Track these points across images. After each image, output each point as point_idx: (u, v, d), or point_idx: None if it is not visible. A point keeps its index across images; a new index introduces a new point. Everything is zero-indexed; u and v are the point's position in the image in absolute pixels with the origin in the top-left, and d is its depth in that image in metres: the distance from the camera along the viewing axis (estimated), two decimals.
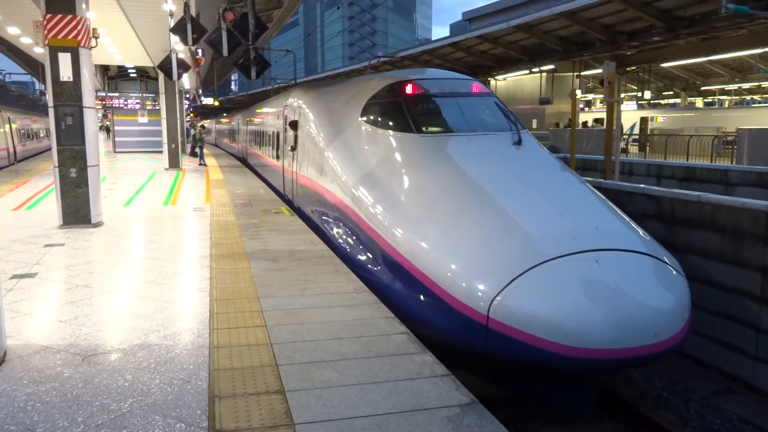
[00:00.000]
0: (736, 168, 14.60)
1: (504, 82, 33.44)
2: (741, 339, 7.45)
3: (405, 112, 7.80)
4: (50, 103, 9.11)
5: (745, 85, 36.90)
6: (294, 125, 10.80)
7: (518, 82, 32.64)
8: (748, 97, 44.95)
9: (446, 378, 3.93)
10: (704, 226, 7.98)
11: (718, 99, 44.21)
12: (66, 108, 9.08)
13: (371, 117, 8.18)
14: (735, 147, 18.84)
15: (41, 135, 33.21)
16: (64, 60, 8.93)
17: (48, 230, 9.10)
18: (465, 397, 3.68)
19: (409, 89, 8.09)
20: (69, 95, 9.05)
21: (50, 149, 9.74)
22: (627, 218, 6.40)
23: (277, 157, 13.41)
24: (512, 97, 32.21)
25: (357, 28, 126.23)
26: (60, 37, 8.86)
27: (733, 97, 43.11)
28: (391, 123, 7.87)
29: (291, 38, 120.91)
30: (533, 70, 28.49)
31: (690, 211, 8.20)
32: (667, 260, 5.69)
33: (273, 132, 14.61)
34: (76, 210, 9.31)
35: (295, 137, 10.78)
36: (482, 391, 4.65)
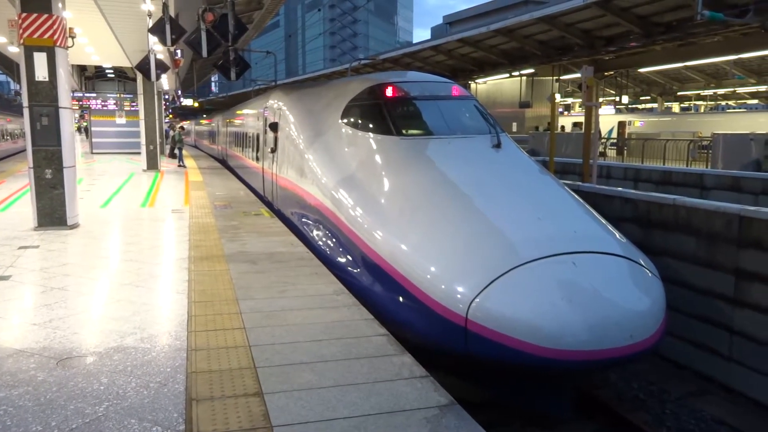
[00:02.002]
0: (711, 172, 14.86)
1: (484, 85, 33.68)
2: (715, 340, 7.57)
3: (385, 115, 7.81)
4: (25, 103, 8.98)
5: (720, 91, 37.56)
6: (274, 127, 10.75)
7: (498, 85, 32.89)
8: (723, 103, 45.75)
9: (425, 379, 3.94)
10: (679, 229, 8.10)
11: (694, 104, 44.97)
12: (41, 108, 8.94)
13: (351, 119, 8.17)
14: (710, 151, 19.17)
15: (16, 135, 32.69)
16: (40, 60, 8.80)
17: (22, 232, 8.96)
18: (443, 398, 3.69)
19: (389, 92, 8.10)
20: (45, 95, 8.92)
21: (25, 150, 9.59)
22: (604, 221, 6.47)
23: (257, 159, 13.35)
24: (492, 100, 32.45)
25: (338, 30, 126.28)
26: (35, 36, 8.73)
27: (709, 103, 43.85)
28: (371, 125, 7.88)
29: (272, 40, 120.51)
30: (513, 73, 28.74)
31: (666, 214, 8.32)
32: (642, 263, 5.76)
33: (253, 134, 14.55)
34: (52, 212, 9.18)
35: (275, 139, 10.74)
36: (461, 393, 4.68)
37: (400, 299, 5.68)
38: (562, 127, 32.37)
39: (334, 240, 7.29)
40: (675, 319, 7.62)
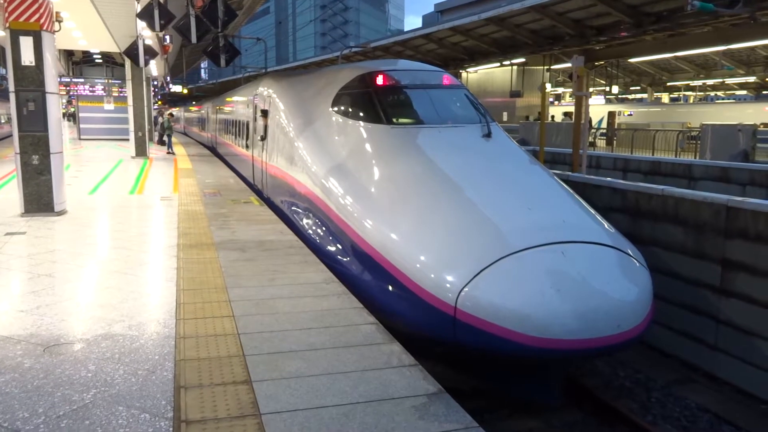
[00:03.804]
0: (700, 162, 14.96)
1: (475, 74, 33.63)
2: (701, 329, 7.65)
3: (375, 103, 7.78)
4: (11, 88, 8.86)
5: (709, 82, 37.74)
6: (264, 114, 10.69)
7: (489, 74, 32.84)
8: (712, 93, 46.01)
9: (414, 368, 3.96)
10: (667, 219, 8.15)
11: (684, 95, 45.18)
12: (28, 93, 8.83)
13: (342, 107, 8.14)
14: (699, 142, 19.29)
15: (2, 121, 32.31)
16: (26, 44, 8.68)
17: (9, 218, 8.87)
18: (432, 386, 3.70)
19: (380, 80, 8.06)
20: (31, 80, 8.80)
21: (11, 135, 9.48)
22: (593, 211, 6.50)
23: (247, 147, 13.28)
24: (483, 89, 32.42)
25: (329, 17, 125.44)
26: (22, 20, 8.60)
27: (698, 93, 44.07)
28: (361, 114, 7.84)
29: (262, 26, 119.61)
30: (504, 63, 28.72)
31: (654, 205, 8.37)
32: (630, 252, 5.79)
33: (243, 121, 14.46)
34: (39, 198, 9.09)
35: (265, 127, 10.68)
36: (450, 382, 4.70)
37: (390, 288, 5.69)
38: (552, 117, 32.43)
39: (323, 228, 7.28)
40: (662, 308, 7.69)
